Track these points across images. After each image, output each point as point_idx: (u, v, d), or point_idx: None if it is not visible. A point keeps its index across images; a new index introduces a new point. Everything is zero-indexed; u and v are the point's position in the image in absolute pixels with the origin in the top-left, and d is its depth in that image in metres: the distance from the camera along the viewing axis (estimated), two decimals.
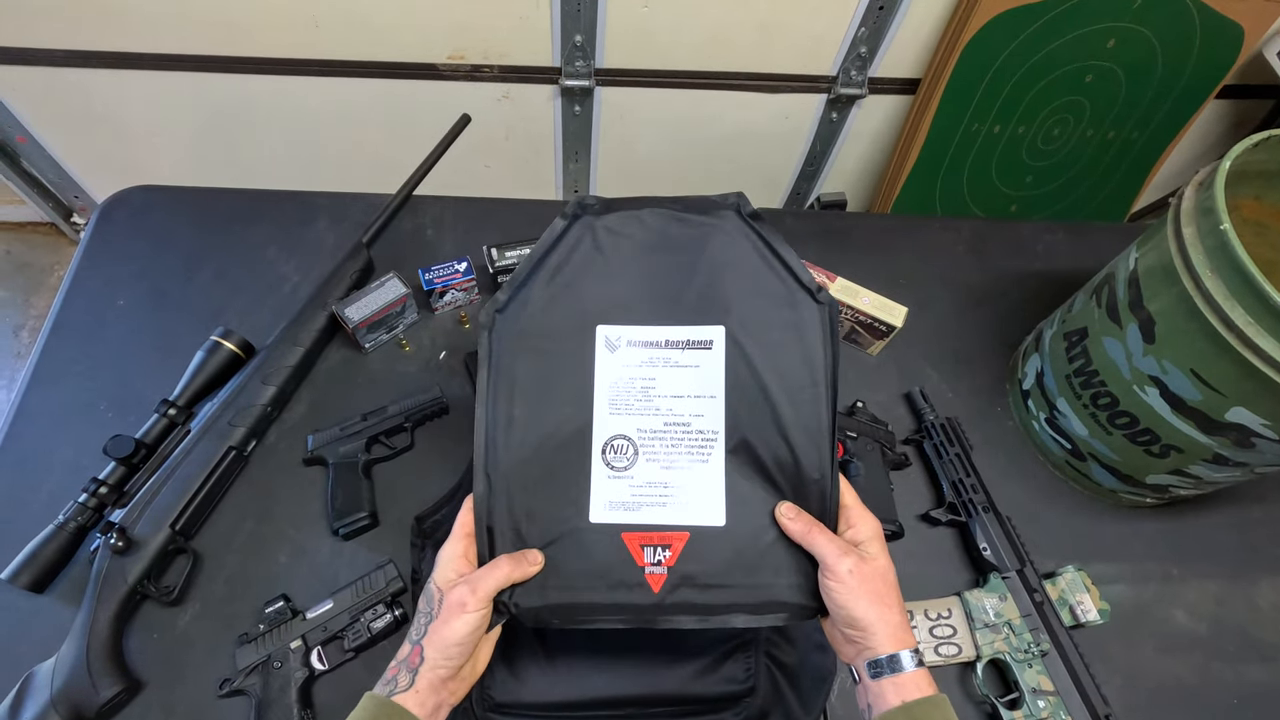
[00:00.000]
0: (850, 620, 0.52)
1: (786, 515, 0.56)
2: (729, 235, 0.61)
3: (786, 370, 0.58)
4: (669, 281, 0.61)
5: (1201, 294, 0.64)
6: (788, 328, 0.59)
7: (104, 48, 1.26)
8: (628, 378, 0.60)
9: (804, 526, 0.55)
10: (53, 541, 0.70)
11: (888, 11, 1.29)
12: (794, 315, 0.59)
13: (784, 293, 0.60)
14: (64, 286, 0.90)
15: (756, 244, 0.61)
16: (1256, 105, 1.63)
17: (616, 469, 0.58)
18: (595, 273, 0.61)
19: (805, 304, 0.59)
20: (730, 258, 0.61)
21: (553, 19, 1.27)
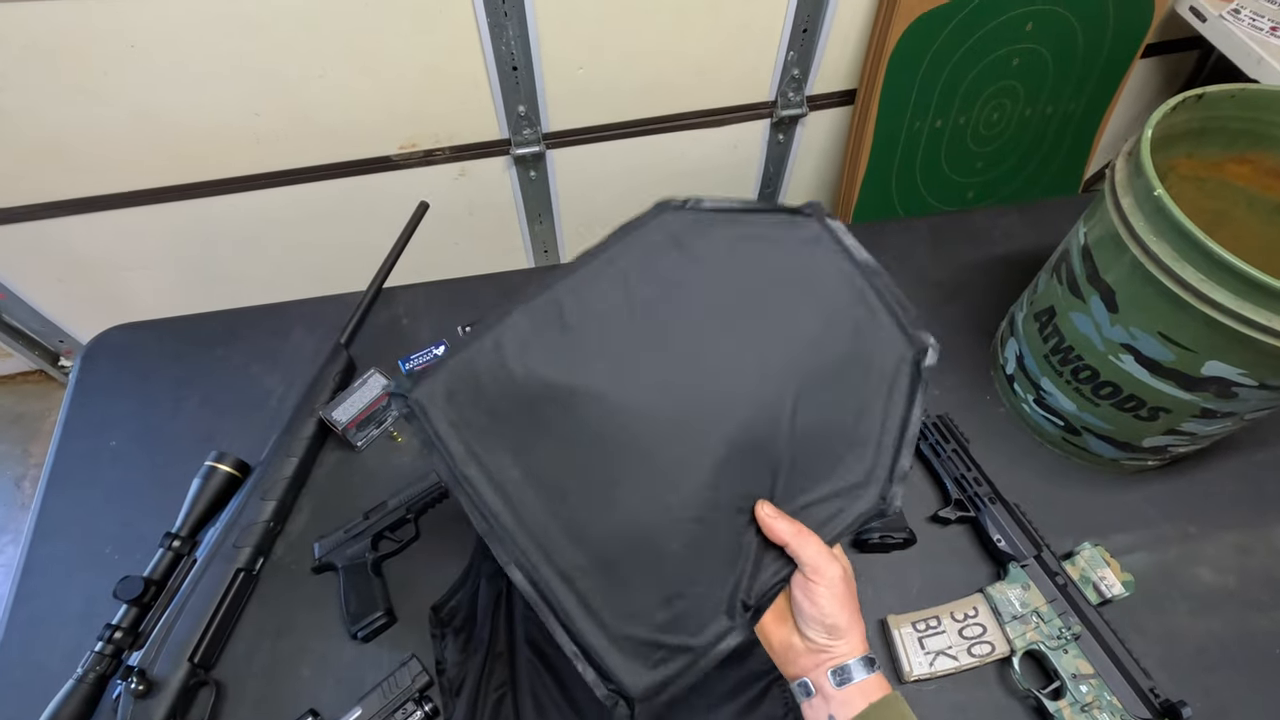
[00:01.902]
0: (831, 626, 0.52)
1: (769, 514, 0.54)
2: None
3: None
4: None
5: (1151, 258, 0.65)
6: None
7: (68, 195, 1.30)
8: None
9: (793, 529, 0.53)
10: (74, 697, 0.69)
11: (811, 34, 1.35)
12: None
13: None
14: (55, 436, 0.92)
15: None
16: (1184, 58, 1.68)
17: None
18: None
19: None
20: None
21: (494, 95, 1.31)
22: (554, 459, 0.55)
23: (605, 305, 0.58)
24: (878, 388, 0.58)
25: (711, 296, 0.58)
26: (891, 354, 0.59)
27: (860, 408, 0.58)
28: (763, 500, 0.55)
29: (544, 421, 0.56)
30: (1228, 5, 1.39)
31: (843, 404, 0.58)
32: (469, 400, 0.56)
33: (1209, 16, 1.40)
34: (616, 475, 0.55)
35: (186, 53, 1.12)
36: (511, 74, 1.27)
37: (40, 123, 1.17)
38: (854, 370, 0.58)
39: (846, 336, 0.59)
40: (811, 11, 1.30)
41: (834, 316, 0.59)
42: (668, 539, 0.54)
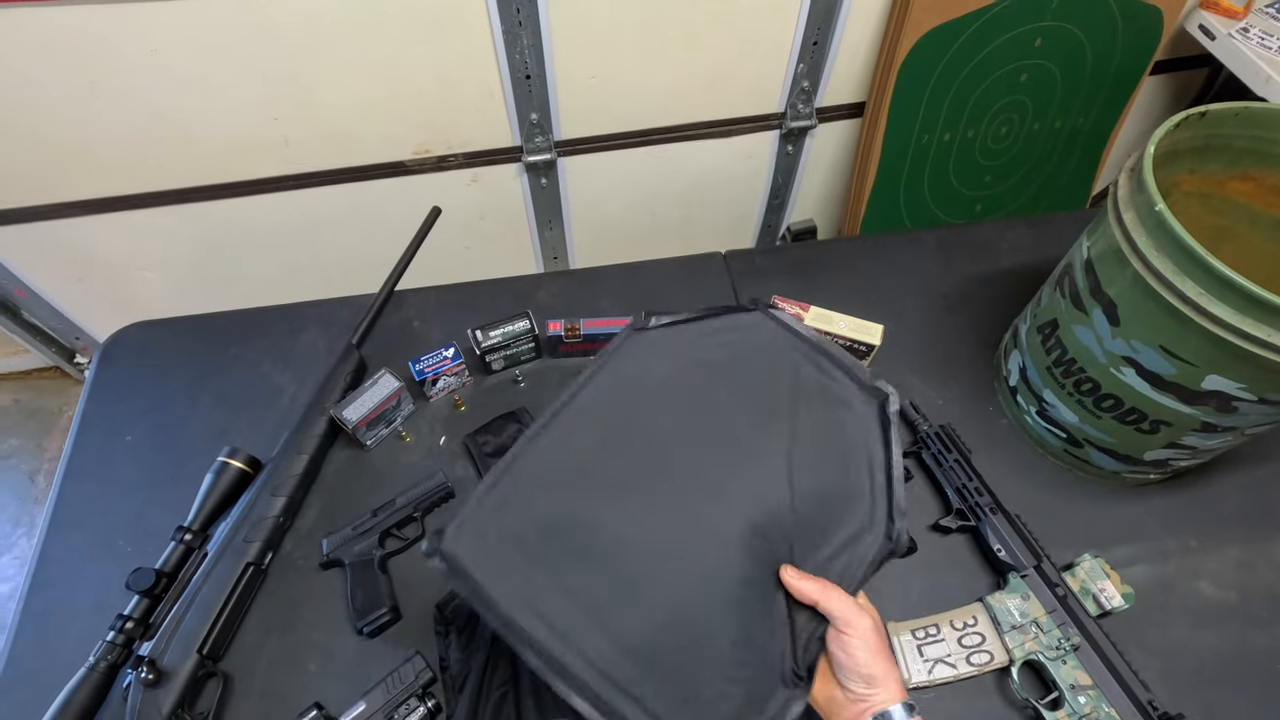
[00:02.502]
0: (868, 676, 0.54)
1: (794, 577, 0.57)
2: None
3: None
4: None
5: (1152, 273, 0.66)
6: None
7: (88, 196, 1.33)
8: None
9: (818, 586, 0.56)
10: (85, 685, 0.71)
11: (821, 47, 1.36)
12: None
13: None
14: (72, 431, 0.94)
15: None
16: (1193, 75, 1.69)
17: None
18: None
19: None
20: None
21: (507, 103, 1.33)
22: (589, 578, 0.59)
23: (602, 439, 0.64)
24: (856, 441, 0.64)
25: (693, 406, 0.65)
26: (857, 409, 0.65)
27: (845, 463, 0.63)
28: (786, 565, 0.58)
29: (573, 546, 0.59)
30: (1237, 24, 1.39)
31: (829, 464, 0.63)
32: (498, 538, 0.60)
33: (1218, 35, 1.40)
34: (653, 583, 0.58)
35: (206, 58, 1.15)
36: (525, 83, 1.29)
37: (62, 124, 1.20)
38: (830, 432, 0.64)
39: (815, 406, 0.65)
40: (822, 25, 1.32)
41: (800, 393, 0.66)
42: (712, 629, 0.57)
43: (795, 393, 0.66)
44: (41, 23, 1.06)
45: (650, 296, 1.05)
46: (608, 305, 1.05)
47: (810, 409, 0.65)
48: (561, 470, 0.62)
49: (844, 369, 0.67)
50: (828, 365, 0.67)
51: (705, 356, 0.67)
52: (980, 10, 1.29)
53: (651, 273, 1.09)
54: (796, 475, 0.62)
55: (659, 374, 0.67)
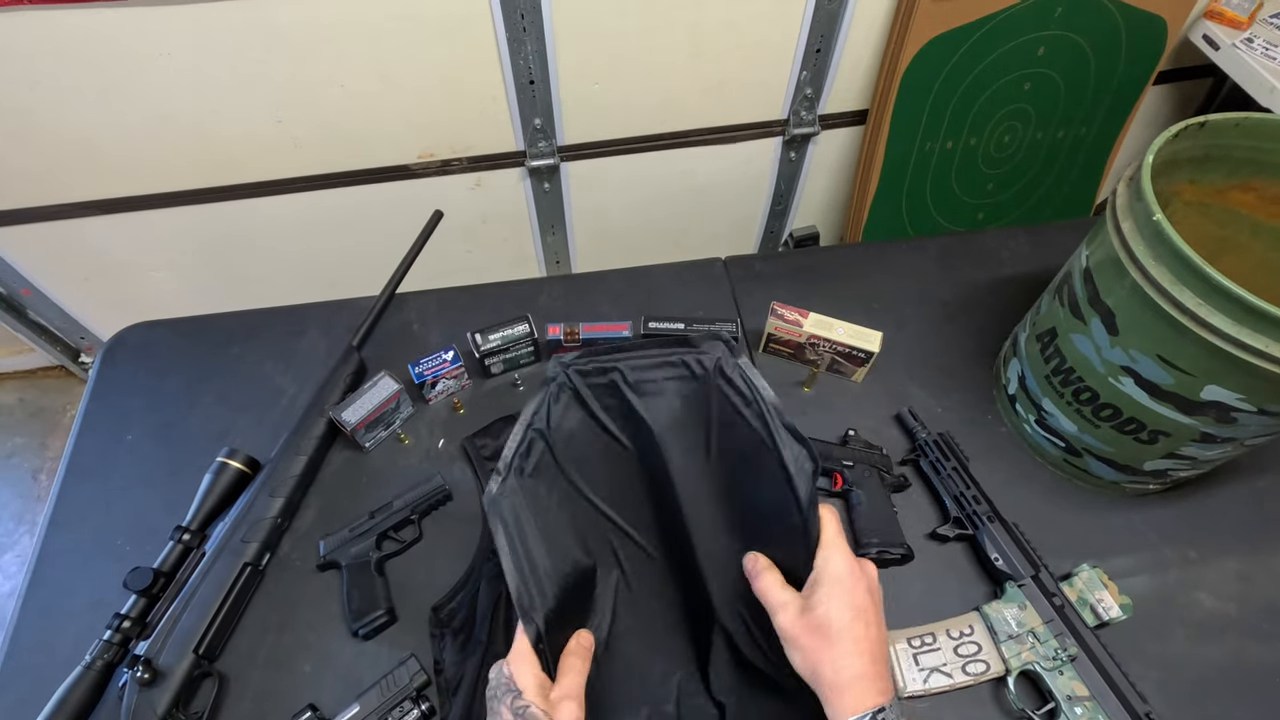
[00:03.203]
0: (800, 669, 0.53)
1: (747, 561, 0.60)
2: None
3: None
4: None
5: (1150, 283, 0.66)
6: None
7: (96, 197, 1.34)
8: None
9: (752, 571, 0.59)
10: (81, 683, 0.71)
11: (825, 54, 1.36)
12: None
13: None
14: (74, 429, 0.94)
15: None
16: (1197, 85, 1.69)
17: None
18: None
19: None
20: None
21: (511, 108, 1.34)
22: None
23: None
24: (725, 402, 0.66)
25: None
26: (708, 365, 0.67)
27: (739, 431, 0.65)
28: (747, 554, 0.61)
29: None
30: (1241, 34, 1.39)
31: (730, 442, 0.66)
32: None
33: (1222, 45, 1.40)
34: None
35: (215, 61, 1.16)
36: (529, 88, 1.30)
37: (71, 125, 1.21)
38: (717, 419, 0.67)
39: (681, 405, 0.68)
40: (825, 32, 1.32)
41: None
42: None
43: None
44: (52, 24, 1.07)
45: (651, 301, 1.05)
46: (608, 310, 1.05)
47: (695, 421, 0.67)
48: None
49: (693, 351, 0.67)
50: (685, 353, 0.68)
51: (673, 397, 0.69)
52: (983, 19, 1.29)
53: (652, 277, 1.09)
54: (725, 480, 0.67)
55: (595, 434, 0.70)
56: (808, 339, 0.93)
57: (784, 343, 0.96)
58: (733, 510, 0.66)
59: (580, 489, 0.69)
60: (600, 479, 0.70)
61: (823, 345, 0.93)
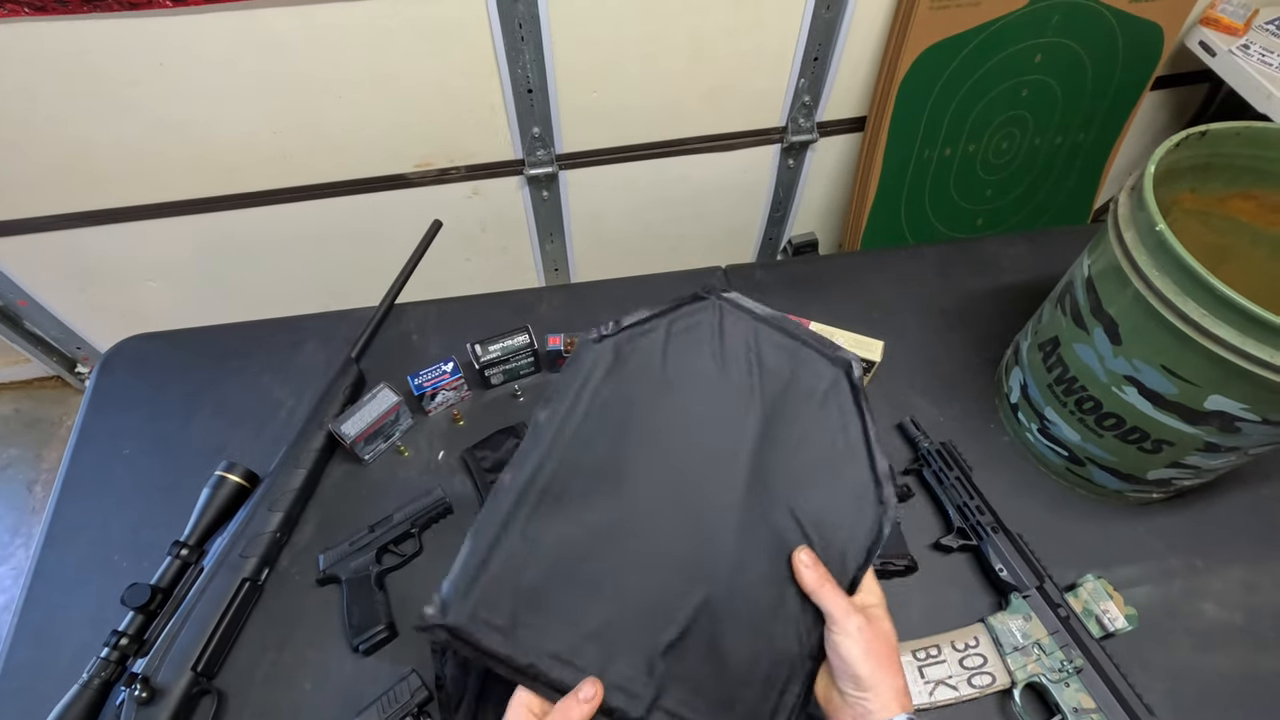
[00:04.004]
0: (855, 679, 0.53)
1: (804, 562, 0.58)
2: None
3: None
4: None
5: (1153, 293, 0.66)
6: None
7: (91, 207, 1.34)
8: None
9: (817, 578, 0.57)
10: (78, 702, 0.70)
11: (823, 62, 1.37)
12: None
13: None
14: (70, 443, 0.93)
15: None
16: (1194, 90, 1.69)
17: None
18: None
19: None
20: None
21: (509, 116, 1.34)
22: (596, 604, 0.58)
23: (593, 464, 0.63)
24: (827, 409, 0.65)
25: (675, 417, 0.65)
26: (824, 377, 0.66)
27: (824, 433, 0.64)
28: (802, 547, 0.59)
29: (576, 578, 0.59)
30: (1237, 40, 1.40)
31: (809, 436, 0.64)
32: (499, 594, 0.58)
33: (1219, 51, 1.41)
34: (668, 594, 0.59)
35: (211, 71, 1.16)
36: (527, 96, 1.30)
37: (67, 136, 1.21)
38: (801, 404, 0.65)
39: (782, 380, 0.66)
40: (823, 40, 1.32)
41: (764, 370, 0.66)
42: (732, 636, 0.58)
43: (763, 373, 0.66)
44: (48, 35, 1.07)
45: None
46: (608, 319, 1.04)
47: (777, 386, 0.65)
48: (555, 497, 0.61)
49: (804, 342, 0.67)
50: (789, 342, 0.67)
51: (674, 364, 0.67)
52: (981, 26, 1.29)
53: (652, 287, 1.09)
54: (778, 455, 0.63)
55: (633, 387, 0.66)
56: None
57: None
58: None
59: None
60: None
61: None
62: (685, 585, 0.59)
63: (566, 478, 0.62)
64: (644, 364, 0.67)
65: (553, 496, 0.61)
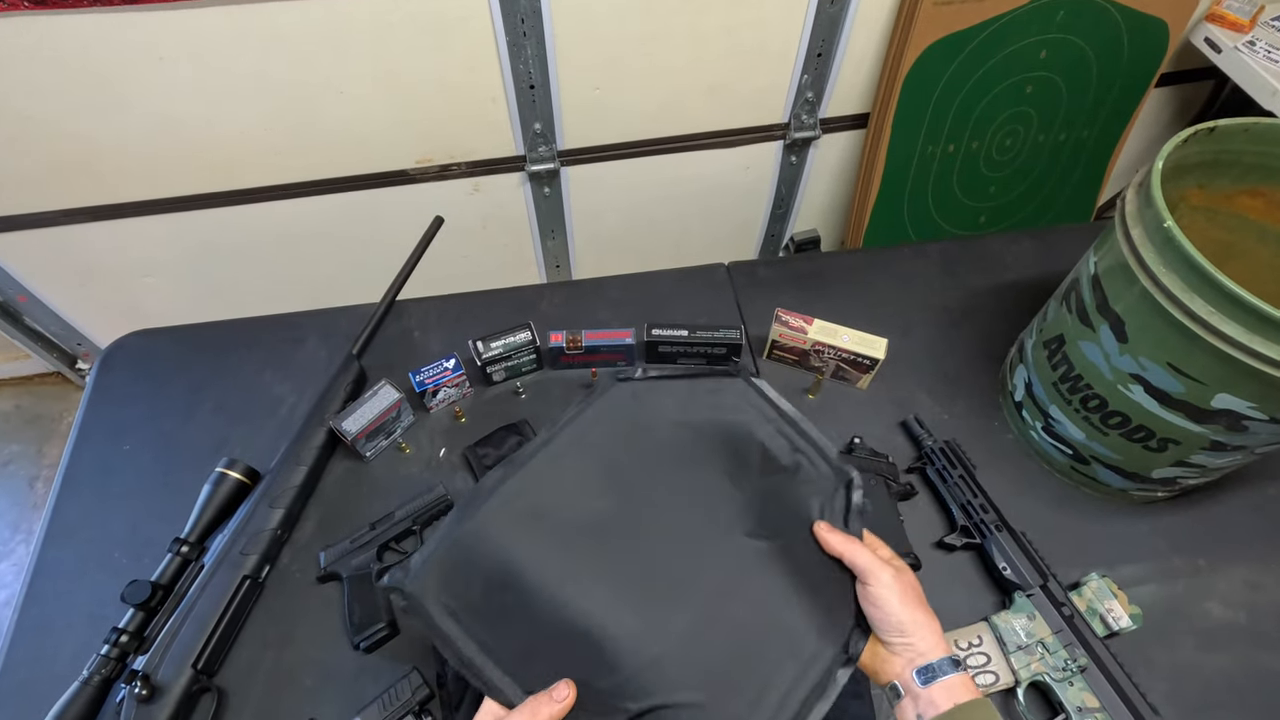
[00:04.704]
0: (899, 626, 0.55)
1: (825, 527, 0.61)
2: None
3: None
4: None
5: (1161, 290, 0.65)
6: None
7: (94, 203, 1.33)
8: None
9: (843, 539, 0.60)
10: (79, 699, 0.70)
11: (826, 58, 1.36)
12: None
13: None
14: (71, 439, 0.93)
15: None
16: (1199, 87, 1.68)
17: None
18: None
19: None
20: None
21: (510, 112, 1.33)
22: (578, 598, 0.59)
23: (574, 487, 0.65)
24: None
25: (670, 464, 0.67)
26: (821, 485, 0.66)
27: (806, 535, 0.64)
28: (818, 521, 0.62)
29: (544, 587, 0.60)
30: (1243, 37, 1.39)
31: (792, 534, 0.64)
32: (464, 581, 0.60)
33: (1224, 48, 1.40)
34: (676, 595, 0.61)
35: (211, 66, 1.15)
36: (529, 92, 1.29)
37: (67, 131, 1.20)
38: (793, 503, 0.65)
39: (781, 476, 0.66)
40: (826, 35, 1.32)
41: (769, 463, 0.67)
42: (745, 624, 0.60)
43: (765, 462, 0.67)
44: (47, 30, 1.06)
45: (653, 308, 1.04)
46: (610, 316, 1.04)
47: (780, 488, 0.66)
48: (542, 509, 0.63)
49: (814, 445, 0.68)
50: (799, 440, 0.68)
51: (688, 418, 0.69)
52: (985, 22, 1.28)
53: (654, 284, 1.09)
54: (762, 562, 0.63)
55: (641, 427, 0.68)
56: (813, 346, 0.92)
57: (788, 350, 0.96)
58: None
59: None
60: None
61: (828, 352, 0.92)
62: (666, 613, 0.59)
63: (550, 498, 0.64)
64: (656, 420, 0.69)
65: (533, 512, 0.63)
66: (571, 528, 0.63)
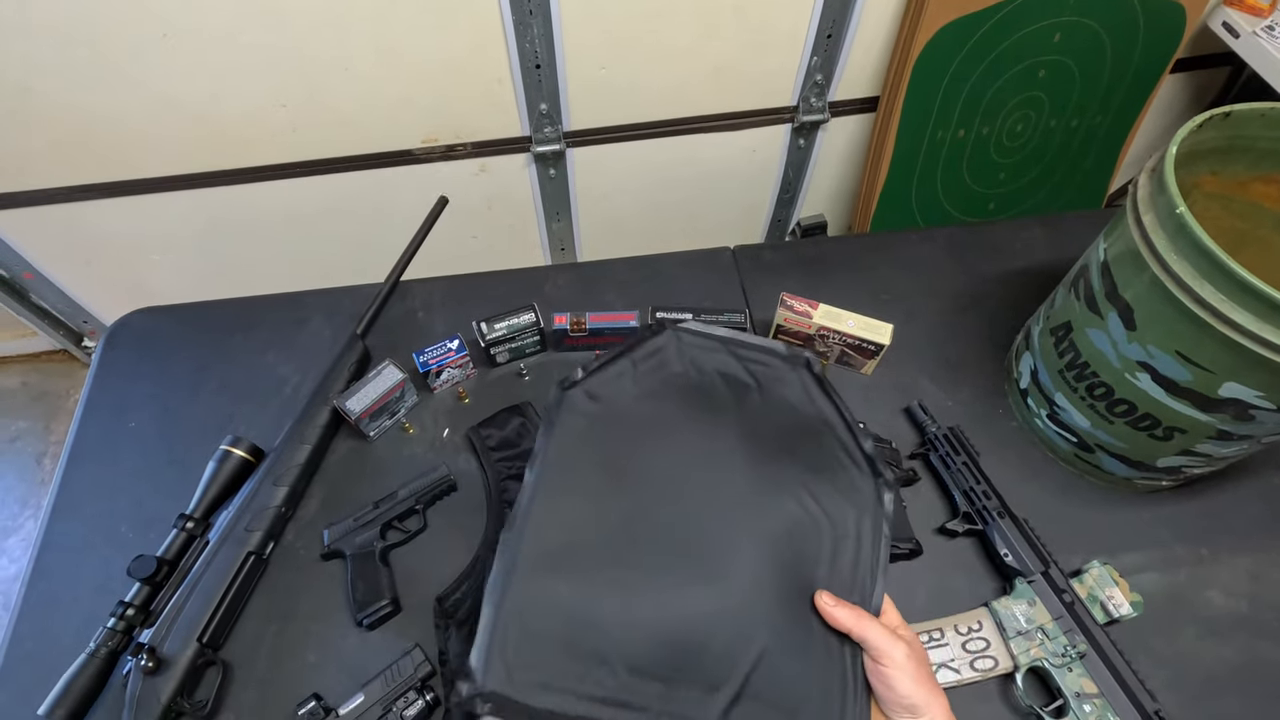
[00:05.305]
0: (910, 706, 0.53)
1: (829, 603, 0.56)
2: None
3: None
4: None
5: (1171, 277, 0.64)
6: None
7: (98, 180, 1.33)
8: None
9: (852, 614, 0.55)
10: (86, 670, 0.71)
11: (836, 40, 1.34)
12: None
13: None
14: (76, 415, 0.93)
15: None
16: (1215, 73, 1.66)
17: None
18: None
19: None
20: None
21: (516, 92, 1.32)
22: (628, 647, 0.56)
23: (587, 509, 0.62)
24: (808, 415, 0.66)
25: (656, 446, 0.64)
26: (789, 379, 0.67)
27: (813, 443, 0.65)
28: (820, 591, 0.58)
29: (604, 622, 0.57)
30: (1262, 21, 1.36)
31: (799, 452, 0.65)
32: (534, 649, 0.56)
33: (1242, 33, 1.37)
34: (696, 640, 0.56)
35: (216, 42, 1.14)
36: (535, 72, 1.28)
37: (72, 107, 1.20)
38: (782, 417, 0.66)
39: (750, 390, 0.67)
40: (837, 17, 1.30)
41: (731, 385, 0.67)
42: (763, 672, 0.56)
43: (736, 394, 0.67)
44: (51, 5, 1.05)
45: (658, 290, 1.04)
46: (614, 299, 1.04)
47: (756, 404, 0.66)
48: (569, 544, 0.60)
49: (764, 350, 0.68)
50: (749, 353, 0.68)
51: (648, 400, 0.67)
52: (999, 4, 1.26)
53: (660, 266, 1.08)
54: (782, 470, 0.62)
55: (615, 431, 0.65)
56: (817, 331, 0.92)
57: (793, 334, 0.95)
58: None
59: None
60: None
61: (832, 337, 0.92)
62: (709, 620, 0.57)
63: (567, 533, 0.60)
64: (620, 406, 0.66)
65: (558, 552, 0.59)
66: (606, 546, 0.60)
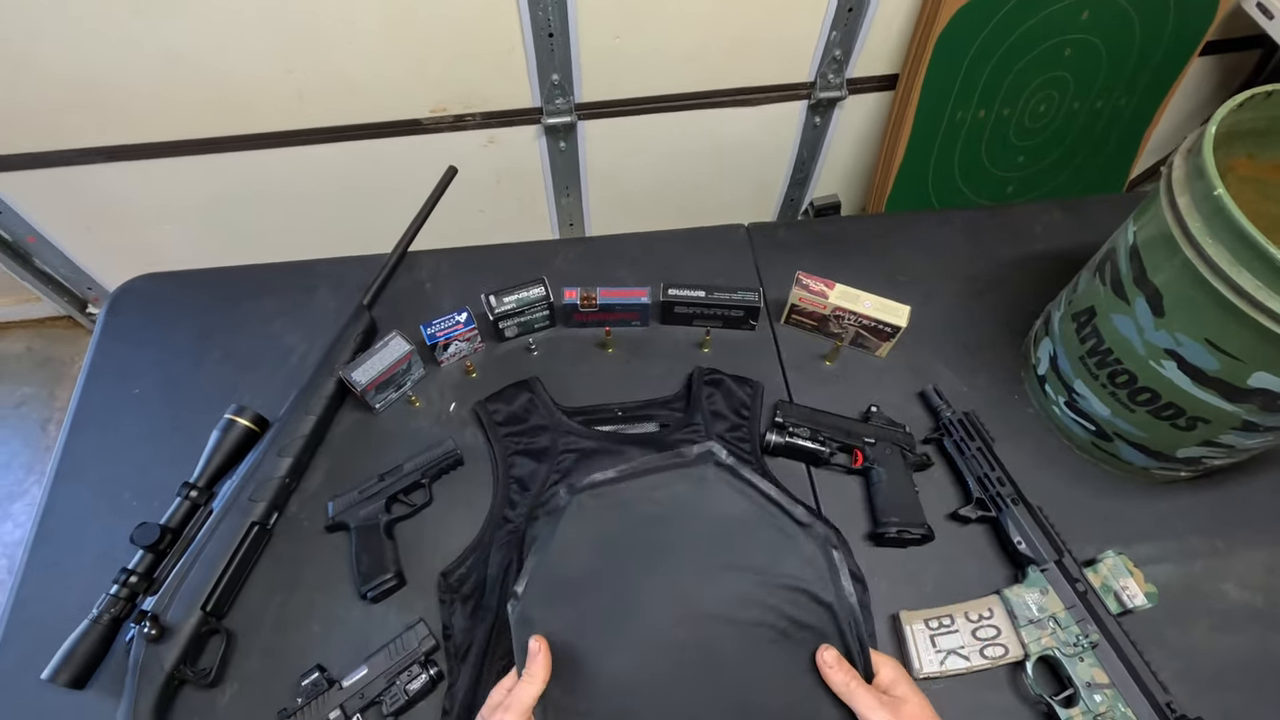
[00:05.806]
0: None
1: (828, 664, 0.58)
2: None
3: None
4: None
5: (1205, 262, 0.62)
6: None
7: (103, 143, 1.31)
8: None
9: (844, 679, 0.57)
10: (89, 636, 0.70)
11: (857, 14, 1.30)
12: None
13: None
14: (79, 381, 0.92)
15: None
16: (1244, 57, 1.61)
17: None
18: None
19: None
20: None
21: (528, 61, 1.29)
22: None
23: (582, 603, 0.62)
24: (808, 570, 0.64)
25: (652, 557, 0.64)
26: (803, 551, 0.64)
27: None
28: (825, 645, 0.59)
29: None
30: None
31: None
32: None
33: (1276, 14, 1.33)
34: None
35: (223, 6, 1.11)
36: (547, 40, 1.25)
37: (74, 69, 1.17)
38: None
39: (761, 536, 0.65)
40: None
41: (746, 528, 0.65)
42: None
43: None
44: None
45: (669, 267, 1.02)
46: (625, 275, 1.02)
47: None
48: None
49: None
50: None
51: (656, 524, 0.66)
52: None
53: (671, 242, 1.06)
54: (742, 601, 0.62)
55: (612, 532, 0.65)
56: (833, 311, 0.90)
57: (807, 314, 0.93)
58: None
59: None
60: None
61: (848, 318, 0.90)
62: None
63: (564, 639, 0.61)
64: (623, 523, 0.66)
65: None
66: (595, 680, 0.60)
